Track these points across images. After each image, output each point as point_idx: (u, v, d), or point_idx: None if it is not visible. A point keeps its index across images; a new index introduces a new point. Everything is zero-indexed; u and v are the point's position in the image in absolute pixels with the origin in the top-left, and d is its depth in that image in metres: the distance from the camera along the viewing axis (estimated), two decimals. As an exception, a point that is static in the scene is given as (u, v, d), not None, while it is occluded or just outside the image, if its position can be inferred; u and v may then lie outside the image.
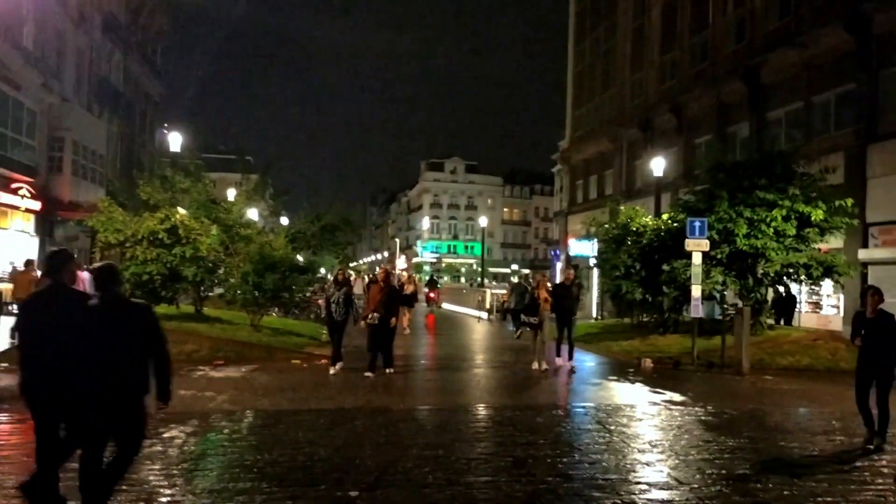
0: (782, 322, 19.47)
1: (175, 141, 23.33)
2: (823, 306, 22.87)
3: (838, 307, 22.16)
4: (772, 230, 16.17)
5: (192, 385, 11.08)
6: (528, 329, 14.70)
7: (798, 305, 23.00)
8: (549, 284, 14.94)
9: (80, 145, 27.42)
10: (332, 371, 12.63)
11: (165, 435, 7.78)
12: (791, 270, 16.70)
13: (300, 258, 21.34)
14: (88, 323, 4.90)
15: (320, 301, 20.20)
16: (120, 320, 4.97)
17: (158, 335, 5.14)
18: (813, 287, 20.30)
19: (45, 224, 26.21)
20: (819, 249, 17.35)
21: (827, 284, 19.44)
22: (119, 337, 4.90)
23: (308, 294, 21.75)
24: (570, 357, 14.64)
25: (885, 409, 7.96)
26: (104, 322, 4.91)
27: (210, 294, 20.45)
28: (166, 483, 6.18)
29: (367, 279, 30.47)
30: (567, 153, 46.15)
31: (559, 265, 41.33)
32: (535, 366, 13.91)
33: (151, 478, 6.28)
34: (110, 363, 4.84)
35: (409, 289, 22.93)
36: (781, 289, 18.45)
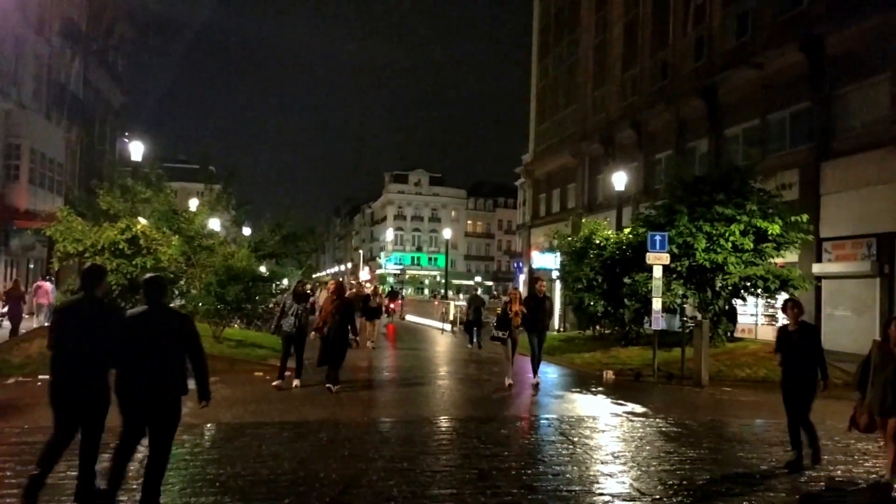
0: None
1: (136, 150, 23.05)
2: (779, 319, 23.36)
3: (794, 320, 22.66)
4: (730, 244, 16.51)
5: (152, 398, 10.92)
6: (499, 343, 13.89)
7: (755, 318, 23.50)
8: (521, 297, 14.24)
9: (38, 153, 26.93)
10: (295, 384, 12.50)
11: (126, 449, 7.66)
12: (749, 283, 17.06)
13: (263, 269, 21.15)
14: (118, 330, 5.64)
15: None
16: (164, 327, 5.64)
17: (196, 341, 5.88)
18: (769, 300, 20.76)
19: (0, 233, 25.64)
20: (775, 263, 17.76)
21: (783, 298, 19.88)
22: (163, 342, 5.57)
23: (270, 305, 21.57)
24: (535, 372, 14.09)
25: (809, 424, 7.90)
26: (150, 328, 5.59)
27: (171, 305, 20.17)
28: (126, 498, 6.07)
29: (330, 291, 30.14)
30: (530, 167, 46.58)
31: (522, 278, 41.57)
32: (508, 381, 13.44)
33: (112, 492, 6.17)
34: (155, 365, 5.51)
35: (375, 301, 21.98)
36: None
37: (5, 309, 19.38)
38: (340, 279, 15.30)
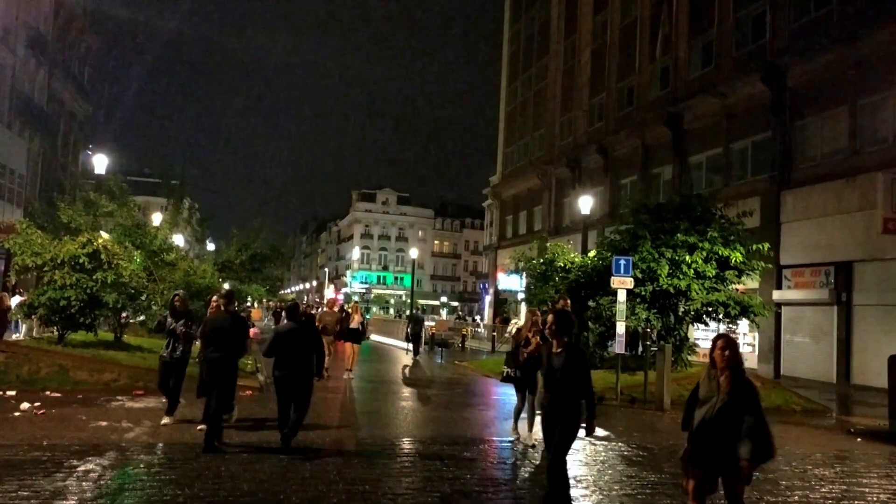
0: None
1: (100, 163, 22.69)
2: (740, 344, 23.72)
3: (753, 346, 23.04)
4: (692, 271, 16.69)
5: (109, 416, 10.70)
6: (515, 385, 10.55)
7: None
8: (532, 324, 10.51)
9: (-2, 164, 26.42)
10: (164, 421, 10.30)
11: (80, 468, 7.49)
12: (710, 309, 17.27)
13: (227, 286, 20.94)
14: (234, 331, 9.18)
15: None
16: (302, 335, 9.16)
17: (319, 342, 9.52)
18: (730, 326, 21.04)
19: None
20: (736, 290, 18.01)
21: (743, 324, 20.19)
22: (302, 344, 9.04)
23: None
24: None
25: (561, 471, 6.64)
26: (295, 335, 9.09)
27: (131, 321, 19.82)
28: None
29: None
30: (498, 188, 46.89)
31: (488, 298, 41.65)
32: (526, 438, 10.06)
33: (64, 514, 6.03)
34: (299, 358, 8.99)
35: (355, 320, 18.43)
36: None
37: None
38: (229, 289, 12.88)
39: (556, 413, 6.38)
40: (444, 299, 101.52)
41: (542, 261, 21.44)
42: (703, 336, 23.40)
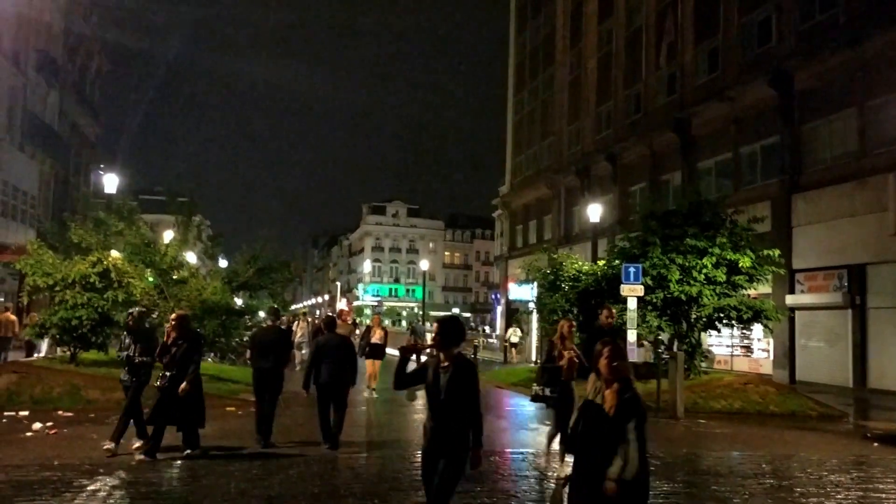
0: None
1: (111, 182, 22.82)
2: (754, 350, 23.56)
3: (768, 351, 22.86)
4: (703, 276, 16.55)
5: (120, 434, 10.69)
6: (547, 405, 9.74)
7: (730, 350, 23.66)
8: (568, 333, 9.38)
9: (10, 185, 26.68)
10: (135, 445, 9.53)
11: (89, 488, 7.49)
12: (722, 315, 17.12)
13: (238, 301, 20.97)
14: (280, 344, 10.69)
15: None
16: (341, 347, 10.24)
17: (353, 353, 10.55)
18: (744, 331, 20.86)
19: (-30, 266, 25.26)
20: (748, 295, 17.84)
21: (757, 329, 20.02)
22: (340, 355, 10.06)
23: (245, 339, 21.32)
24: None
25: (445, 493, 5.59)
26: (334, 346, 10.13)
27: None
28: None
29: (310, 323, 29.61)
30: (507, 199, 46.87)
31: (500, 309, 41.55)
32: (563, 473, 7.91)
33: (73, 534, 6.03)
34: (338, 367, 9.95)
35: (377, 335, 17.53)
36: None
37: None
38: (182, 313, 10.27)
39: (439, 443, 5.28)
40: (456, 310, 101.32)
41: (549, 271, 21.35)
42: (716, 342, 23.30)
